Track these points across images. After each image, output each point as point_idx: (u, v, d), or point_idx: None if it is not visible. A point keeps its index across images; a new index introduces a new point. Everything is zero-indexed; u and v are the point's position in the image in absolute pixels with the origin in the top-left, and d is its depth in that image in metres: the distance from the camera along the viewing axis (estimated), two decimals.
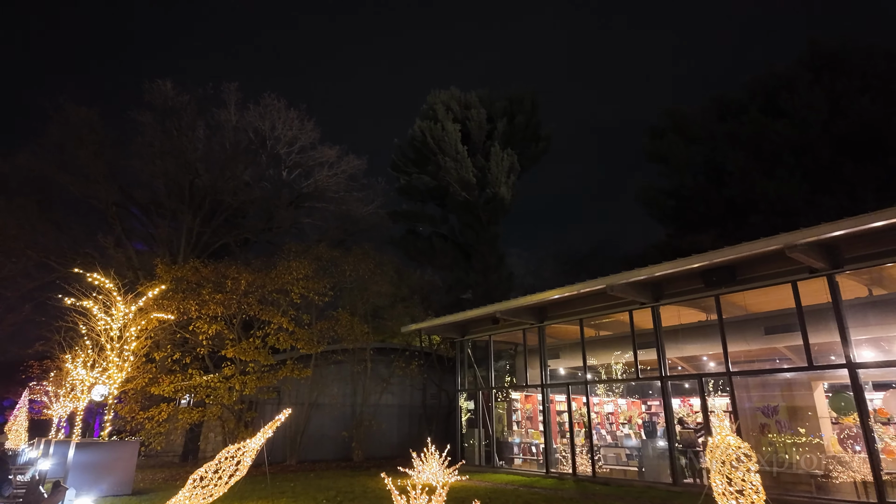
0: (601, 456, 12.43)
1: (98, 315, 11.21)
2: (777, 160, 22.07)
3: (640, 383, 17.76)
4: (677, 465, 10.40)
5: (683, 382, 17.51)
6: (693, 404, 14.17)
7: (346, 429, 17.49)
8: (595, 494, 9.81)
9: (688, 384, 17.36)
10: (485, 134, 33.15)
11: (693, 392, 17.40)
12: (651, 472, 11.16)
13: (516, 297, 13.91)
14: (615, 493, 9.92)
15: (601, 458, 12.40)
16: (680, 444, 10.52)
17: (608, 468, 12.18)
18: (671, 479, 10.41)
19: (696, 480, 10.30)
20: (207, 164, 28.67)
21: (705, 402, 10.29)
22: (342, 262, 16.98)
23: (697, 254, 9.59)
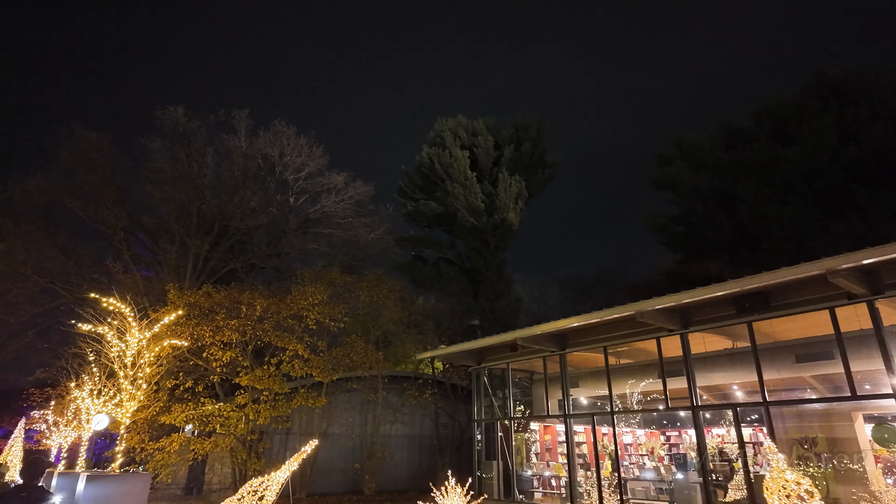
0: (629, 490, 11.98)
1: (112, 341, 10.90)
2: (788, 187, 22.08)
3: (662, 414, 17.36)
4: (713, 499, 9.97)
5: (704, 412, 17.11)
6: (720, 435, 13.77)
7: (355, 460, 16.98)
8: None
9: (709, 414, 16.96)
10: (492, 161, 33.33)
11: (713, 422, 17.00)
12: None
13: (532, 325, 13.61)
14: None
15: (629, 491, 11.95)
16: (719, 477, 10.13)
17: (636, 502, 11.72)
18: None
19: None
20: (216, 190, 28.74)
21: (741, 432, 9.92)
22: (356, 288, 16.74)
23: (732, 280, 9.37)
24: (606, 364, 12.62)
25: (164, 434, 16.22)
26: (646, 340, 12.16)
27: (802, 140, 22.28)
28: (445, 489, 11.99)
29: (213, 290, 15.06)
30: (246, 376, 13.34)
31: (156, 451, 13.27)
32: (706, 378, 13.13)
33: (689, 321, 11.19)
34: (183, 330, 13.18)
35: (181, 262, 25.00)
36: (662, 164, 30.08)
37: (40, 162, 26.97)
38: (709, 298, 10.14)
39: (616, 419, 15.58)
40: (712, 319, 10.87)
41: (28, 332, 24.46)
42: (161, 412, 13.58)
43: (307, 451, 8.06)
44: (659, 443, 16.18)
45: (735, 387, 12.94)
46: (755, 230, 22.55)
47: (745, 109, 28.66)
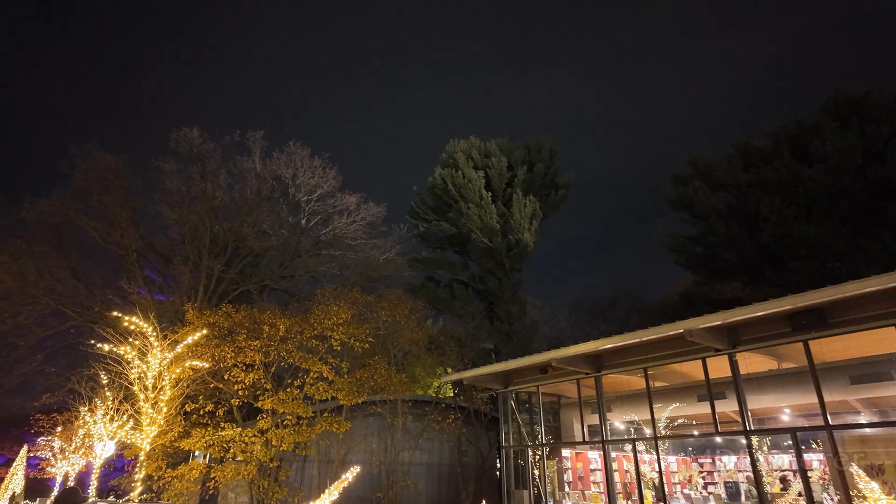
0: None
1: (134, 362, 10.44)
2: (813, 205, 21.71)
3: (694, 440, 16.64)
4: None
5: (738, 438, 16.39)
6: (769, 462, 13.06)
7: (375, 489, 16.23)
8: None
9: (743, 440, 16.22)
10: (505, 182, 33.16)
11: (734, 449, 16.28)
12: None
13: (549, 350, 13.10)
14: None
15: None
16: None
17: None
18: None
19: None
20: (229, 211, 28.58)
21: (801, 459, 9.31)
22: (377, 308, 16.26)
23: (790, 295, 8.90)
24: (647, 386, 12.04)
25: (177, 461, 15.58)
26: (689, 361, 11.60)
27: (825, 158, 21.99)
28: None
29: (232, 309, 14.61)
30: (269, 399, 12.78)
31: (174, 479, 12.64)
32: (751, 401, 12.50)
33: (737, 340, 10.67)
34: (204, 351, 12.70)
35: (194, 284, 24.61)
36: (678, 185, 29.78)
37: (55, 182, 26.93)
38: (762, 316, 9.65)
39: (647, 445, 14.92)
40: (763, 338, 10.35)
41: (36, 355, 24.00)
42: (180, 437, 12.99)
43: (348, 478, 7.52)
44: (696, 470, 15.43)
45: (787, 410, 12.30)
46: (780, 250, 22.08)
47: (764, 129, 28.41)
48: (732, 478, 15.37)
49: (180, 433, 12.93)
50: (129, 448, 13.81)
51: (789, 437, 14.90)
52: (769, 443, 16.28)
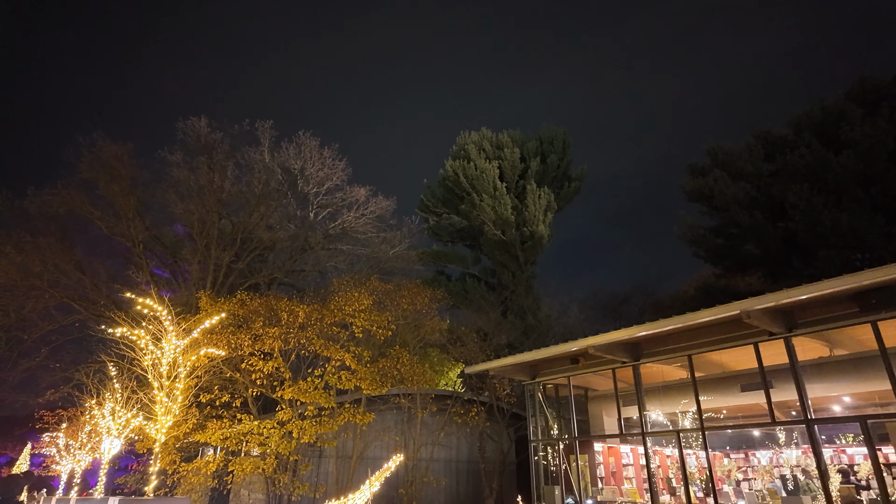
0: None
1: (147, 347, 9.74)
2: (843, 193, 20.97)
3: (727, 435, 15.93)
4: None
5: (773, 433, 15.66)
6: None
7: (394, 485, 15.51)
8: None
9: (782, 433, 15.50)
10: (518, 173, 32.45)
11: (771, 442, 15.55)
12: None
13: (604, 333, 12.36)
14: None
15: None
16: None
17: None
18: None
19: None
20: (236, 204, 27.96)
21: (874, 450, 8.58)
22: (396, 296, 15.56)
23: (868, 269, 8.18)
24: (692, 375, 11.32)
25: (189, 456, 14.89)
26: (738, 347, 10.87)
27: (855, 144, 21.26)
28: None
29: (247, 297, 13.93)
30: (289, 389, 12.08)
31: (189, 472, 11.94)
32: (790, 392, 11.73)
33: (794, 323, 9.95)
34: (219, 339, 12.01)
35: (202, 276, 23.96)
36: (696, 175, 29.07)
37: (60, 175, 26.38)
38: (828, 295, 8.93)
39: (685, 439, 14.20)
40: (823, 321, 9.63)
41: (40, 349, 23.35)
42: (195, 430, 12.30)
43: (391, 467, 6.82)
44: (733, 466, 14.71)
45: (848, 399, 11.57)
46: (807, 239, 21.34)
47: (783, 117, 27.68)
48: (770, 472, 14.66)
49: (195, 426, 12.24)
50: (141, 441, 13.11)
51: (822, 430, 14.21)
52: (796, 438, 15.57)
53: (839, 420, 10.34)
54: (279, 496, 12.83)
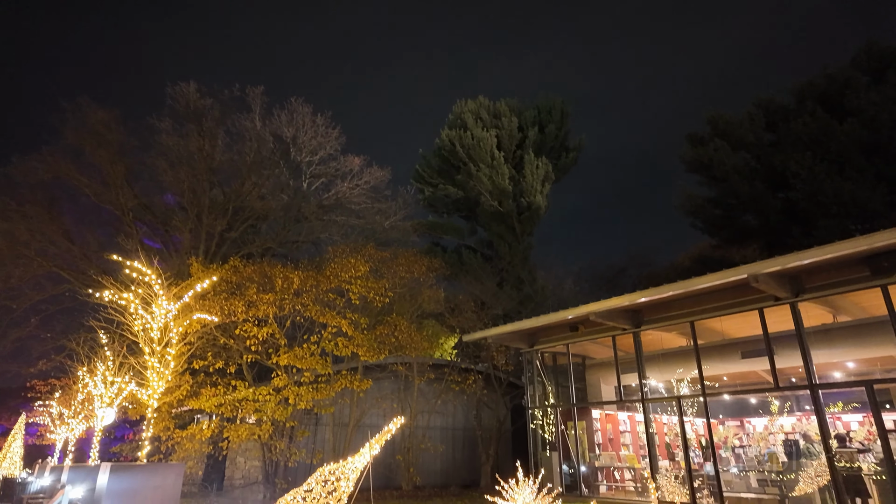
0: (725, 483, 10.53)
1: (137, 312, 9.43)
2: (846, 162, 20.69)
3: (734, 400, 15.93)
4: (842, 493, 8.54)
5: (768, 400, 15.68)
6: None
7: (391, 452, 15.51)
8: None
9: (777, 400, 15.53)
10: (515, 143, 31.87)
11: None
12: (800, 501, 9.29)
13: (605, 300, 12.15)
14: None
15: (724, 484, 10.50)
16: (843, 466, 8.70)
17: (737, 496, 10.28)
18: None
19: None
20: (227, 173, 27.36)
21: (879, 415, 8.48)
22: (393, 265, 15.26)
23: (883, 230, 7.93)
24: (695, 341, 11.18)
25: (183, 423, 14.75)
26: (742, 314, 10.69)
27: (859, 112, 20.88)
28: (516, 482, 10.56)
29: (240, 263, 13.59)
30: (285, 355, 11.86)
31: (184, 439, 11.78)
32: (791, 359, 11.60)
33: (800, 288, 9.75)
34: (212, 305, 11.71)
35: (194, 245, 23.54)
36: (696, 145, 28.68)
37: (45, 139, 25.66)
38: (837, 258, 8.71)
39: (660, 407, 14.16)
40: (831, 285, 9.43)
41: (30, 319, 23.03)
42: (188, 396, 12.09)
43: (392, 430, 6.61)
44: (731, 432, 14.76)
45: (851, 365, 11.48)
46: (809, 208, 21.14)
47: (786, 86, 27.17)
48: (765, 439, 14.73)
49: (188, 392, 12.04)
50: (134, 408, 12.92)
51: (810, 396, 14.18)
52: (788, 406, 15.64)
53: (845, 385, 10.26)
54: (275, 462, 12.74)
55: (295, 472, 13.42)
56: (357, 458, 6.37)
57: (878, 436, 8.44)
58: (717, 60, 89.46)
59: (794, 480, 9.47)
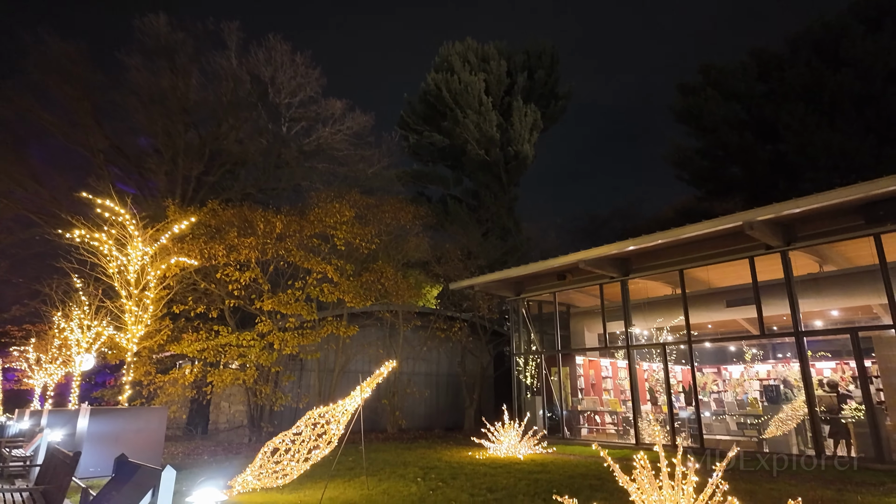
0: (704, 426, 10.79)
1: (112, 253, 8.99)
2: (837, 113, 20.50)
3: (716, 347, 16.23)
4: (819, 435, 8.79)
5: (745, 349, 16.04)
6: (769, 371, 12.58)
7: (377, 397, 15.64)
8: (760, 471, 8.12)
9: (756, 349, 15.91)
10: (504, 89, 30.93)
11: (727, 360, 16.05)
12: (777, 443, 9.57)
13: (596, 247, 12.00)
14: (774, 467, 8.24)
15: (704, 427, 10.77)
16: (823, 410, 8.92)
17: (717, 438, 10.57)
18: (813, 451, 8.82)
19: (847, 453, 8.71)
20: (203, 115, 26.14)
21: (862, 361, 8.62)
22: (380, 211, 14.86)
23: (882, 177, 7.78)
24: (683, 289, 11.17)
25: (164, 368, 14.58)
26: (730, 262, 10.66)
27: (854, 62, 20.52)
28: (502, 424, 10.69)
29: (219, 207, 13.06)
30: (269, 301, 11.60)
31: (166, 383, 11.60)
32: (775, 307, 11.70)
33: (792, 237, 9.69)
34: (191, 248, 11.28)
35: (170, 188, 22.69)
36: (687, 94, 28.17)
37: (4, 73, 23.98)
38: (832, 206, 8.59)
39: (640, 354, 14.40)
40: (823, 234, 9.37)
41: (0, 263, 22.29)
42: (170, 341, 11.84)
43: (383, 373, 6.47)
44: (710, 378, 15.14)
45: (835, 313, 11.64)
46: (797, 161, 21.08)
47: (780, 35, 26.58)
48: (742, 385, 15.16)
49: (169, 337, 11.77)
50: (113, 353, 12.65)
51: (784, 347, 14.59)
52: (762, 354, 16.06)
53: (830, 332, 10.43)
54: (261, 407, 12.71)
55: (280, 415, 13.45)
56: (348, 401, 6.24)
57: (858, 381, 8.61)
58: (710, 8, 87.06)
59: (772, 423, 9.72)
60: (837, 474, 7.53)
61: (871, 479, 7.13)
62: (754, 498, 5.76)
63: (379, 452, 10.72)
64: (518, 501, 5.85)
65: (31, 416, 13.57)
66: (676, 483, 3.91)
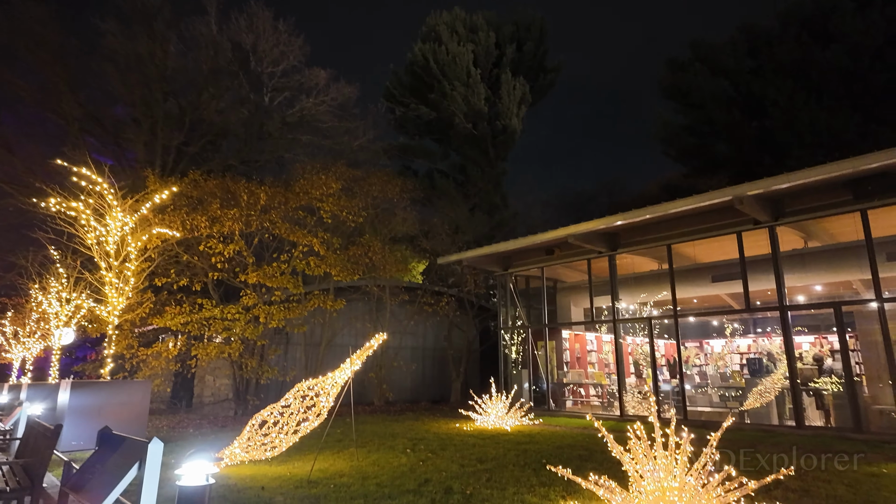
0: (688, 398, 10.98)
1: (90, 223, 8.70)
2: (824, 90, 20.54)
3: (698, 322, 16.45)
4: (800, 406, 8.98)
5: (726, 323, 16.30)
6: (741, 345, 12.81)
7: (363, 371, 15.65)
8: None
9: (737, 324, 16.18)
10: (492, 61, 30.40)
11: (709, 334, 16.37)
12: (758, 414, 9.77)
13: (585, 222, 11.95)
14: (756, 438, 8.42)
15: (688, 400, 10.96)
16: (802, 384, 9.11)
17: (699, 410, 10.77)
18: (794, 422, 9.02)
19: (827, 424, 8.93)
20: (182, 84, 25.34)
21: (844, 335, 8.78)
22: (366, 184, 14.60)
23: (871, 152, 7.80)
24: (670, 264, 11.23)
25: (146, 341, 14.36)
26: (718, 237, 10.71)
27: (844, 38, 20.49)
28: (489, 397, 10.75)
29: (201, 177, 12.70)
30: (254, 273, 11.38)
31: (149, 357, 11.41)
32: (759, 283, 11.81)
33: (780, 212, 9.73)
34: (172, 219, 10.98)
35: (149, 159, 22.07)
36: (675, 70, 28.01)
37: None
38: (821, 181, 8.62)
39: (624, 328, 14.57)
40: (811, 209, 9.43)
41: None
42: (152, 314, 11.61)
43: (374, 345, 6.39)
44: (693, 352, 15.39)
45: (819, 288, 11.80)
46: (783, 138, 21.16)
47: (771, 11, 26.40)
48: (723, 358, 15.44)
49: (151, 310, 11.54)
50: (93, 326, 12.39)
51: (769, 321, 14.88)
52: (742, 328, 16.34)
53: (815, 307, 10.61)
54: (247, 380, 12.62)
55: (267, 389, 13.38)
56: (338, 373, 6.16)
57: (840, 354, 8.78)
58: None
59: (753, 395, 9.92)
60: (818, 444, 7.71)
61: (850, 448, 7.32)
62: (736, 469, 5.85)
63: (367, 424, 10.74)
64: (509, 471, 5.88)
65: (9, 391, 13.31)
66: (670, 452, 3.91)
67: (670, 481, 3.80)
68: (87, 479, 2.91)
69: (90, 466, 3.08)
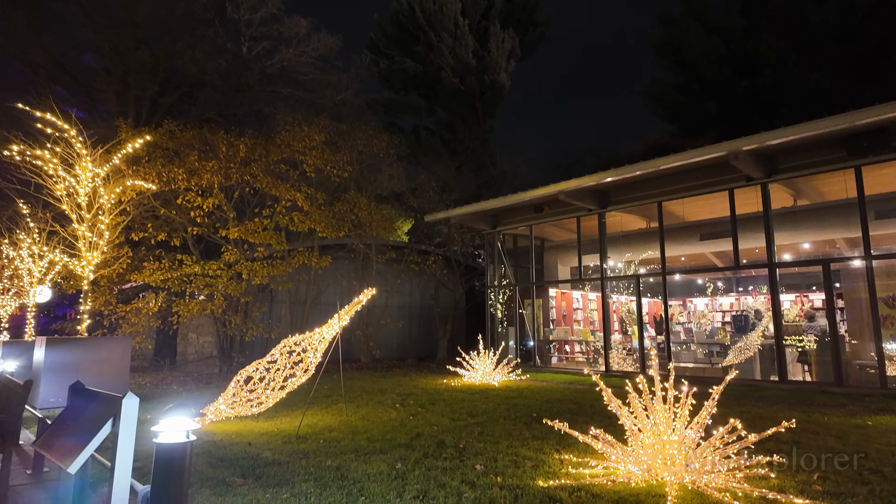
0: (673, 355, 11.10)
1: (58, 173, 8.22)
2: (816, 50, 20.23)
3: (683, 280, 16.56)
4: (784, 362, 9.12)
5: (709, 282, 16.47)
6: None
7: (350, 329, 15.58)
8: None
9: (721, 283, 16.34)
10: (480, 12, 29.27)
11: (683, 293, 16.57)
12: (742, 369, 9.91)
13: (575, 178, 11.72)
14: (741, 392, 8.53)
15: (673, 357, 11.08)
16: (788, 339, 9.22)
17: (684, 366, 10.91)
18: (777, 377, 9.17)
19: (810, 379, 9.09)
20: (156, 29, 24.01)
21: (831, 292, 8.83)
22: (352, 138, 14.09)
23: (867, 107, 7.63)
24: (660, 221, 11.14)
25: (126, 298, 14.02)
26: (709, 195, 10.60)
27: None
28: (477, 353, 10.74)
29: (177, 128, 12.10)
30: (235, 229, 11.02)
31: (129, 313, 11.10)
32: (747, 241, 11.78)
33: (773, 169, 9.61)
34: (147, 171, 10.48)
35: (122, 110, 21.07)
36: (667, 26, 27.33)
37: None
38: (817, 136, 8.47)
39: (609, 287, 14.62)
40: (804, 166, 9.32)
41: None
42: (129, 270, 11.24)
43: (363, 300, 6.20)
44: (677, 310, 15.57)
45: (807, 246, 11.83)
46: (773, 97, 20.95)
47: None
48: (706, 316, 15.66)
49: (129, 266, 11.16)
50: (70, 281, 11.99)
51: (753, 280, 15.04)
52: (724, 287, 16.57)
53: (804, 264, 10.67)
54: (231, 337, 12.43)
55: (252, 346, 13.23)
56: (325, 328, 5.98)
57: (826, 311, 8.85)
58: None
59: (737, 350, 10.04)
60: (801, 397, 7.84)
61: (832, 401, 7.45)
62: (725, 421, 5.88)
63: (354, 381, 10.69)
64: (500, 425, 5.84)
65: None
66: (669, 406, 3.85)
67: (670, 435, 3.74)
68: (58, 437, 2.71)
69: (61, 423, 2.87)
